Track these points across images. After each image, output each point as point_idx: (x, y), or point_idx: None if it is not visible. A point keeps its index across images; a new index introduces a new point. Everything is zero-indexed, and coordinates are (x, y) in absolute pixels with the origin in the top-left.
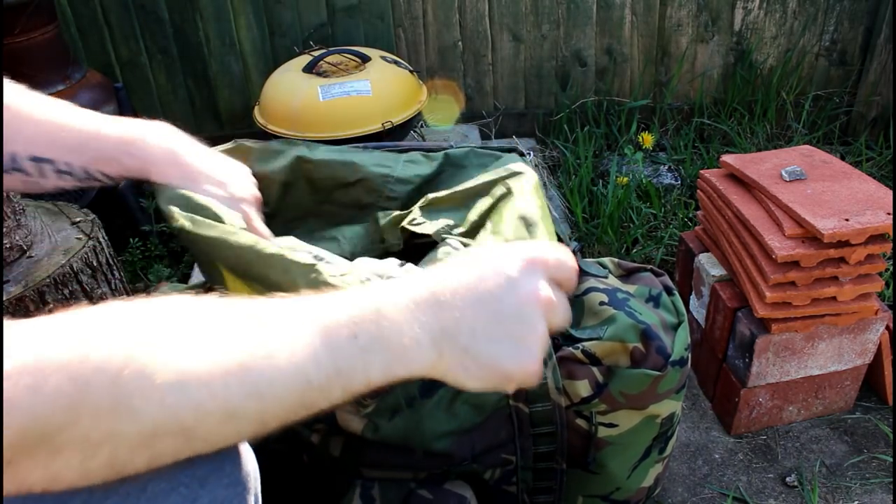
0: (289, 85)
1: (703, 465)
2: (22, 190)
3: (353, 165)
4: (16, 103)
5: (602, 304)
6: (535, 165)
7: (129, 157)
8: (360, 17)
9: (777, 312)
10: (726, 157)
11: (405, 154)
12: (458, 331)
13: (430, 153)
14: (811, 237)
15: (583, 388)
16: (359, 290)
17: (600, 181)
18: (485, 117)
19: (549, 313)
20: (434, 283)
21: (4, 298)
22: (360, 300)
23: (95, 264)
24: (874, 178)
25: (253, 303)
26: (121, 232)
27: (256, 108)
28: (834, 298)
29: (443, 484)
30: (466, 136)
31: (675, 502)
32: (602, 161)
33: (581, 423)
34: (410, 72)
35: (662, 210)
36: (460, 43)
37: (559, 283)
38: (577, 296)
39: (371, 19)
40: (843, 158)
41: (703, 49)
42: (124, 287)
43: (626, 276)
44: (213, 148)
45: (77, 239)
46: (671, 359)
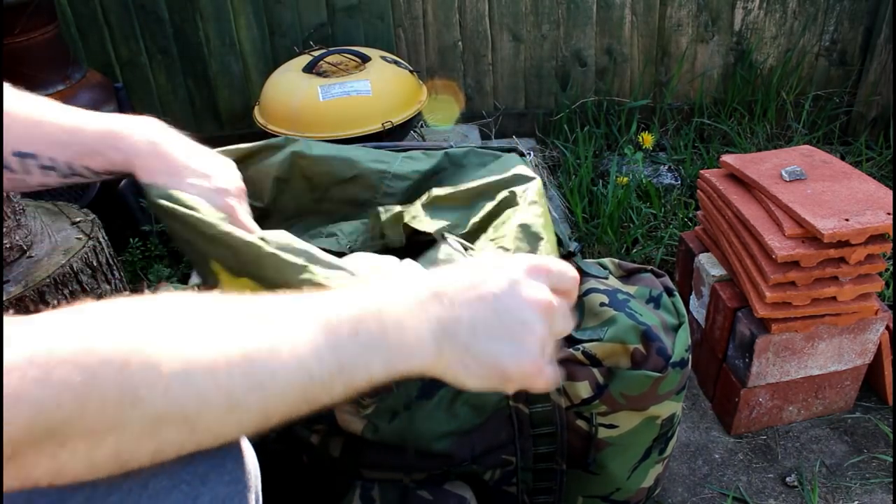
0: (289, 85)
1: (703, 465)
2: (7, 189)
3: (349, 161)
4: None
5: (602, 305)
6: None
7: (113, 151)
8: (360, 17)
9: (777, 312)
10: (726, 157)
11: (401, 154)
12: (458, 328)
13: (429, 151)
14: (811, 237)
15: (583, 390)
16: (362, 288)
17: (600, 181)
18: (485, 117)
19: (551, 317)
20: (436, 283)
21: (4, 298)
22: (362, 297)
23: (95, 264)
24: (874, 178)
25: (256, 299)
26: (121, 232)
27: (256, 108)
28: (834, 298)
29: (443, 485)
30: (466, 136)
31: (675, 502)
32: (602, 161)
33: (581, 424)
34: (410, 72)
35: (662, 210)
36: (460, 43)
37: (561, 293)
38: (577, 297)
39: (371, 19)
40: (843, 158)
41: (703, 49)
42: (124, 287)
43: (627, 276)
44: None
45: (77, 239)
46: (672, 360)
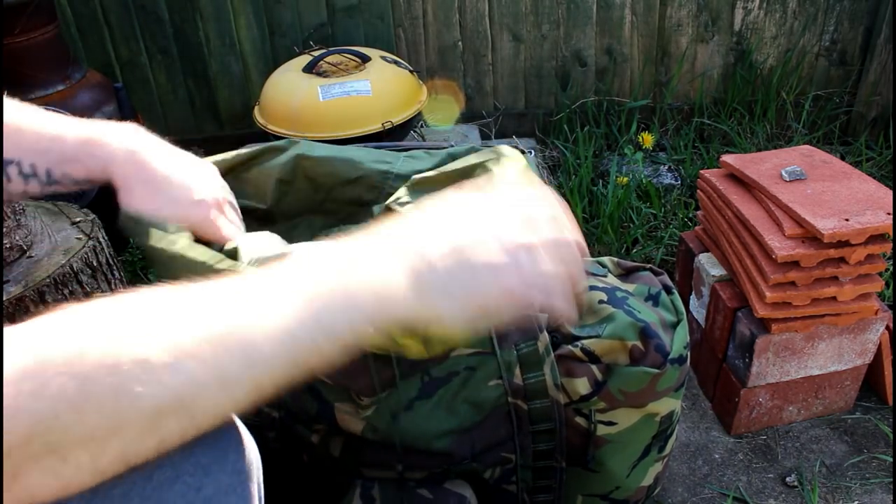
0: (289, 85)
1: (703, 465)
2: None
3: (352, 162)
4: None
5: (601, 302)
6: (536, 165)
7: (91, 158)
8: (360, 17)
9: (777, 312)
10: (726, 157)
11: (403, 154)
12: (433, 271)
13: (431, 150)
14: (811, 237)
15: (582, 386)
16: (339, 250)
17: (600, 181)
18: (485, 117)
19: (532, 253)
20: (415, 242)
21: (4, 298)
22: (339, 258)
23: (95, 264)
24: (874, 178)
25: (235, 279)
26: (121, 232)
27: (256, 108)
28: (834, 298)
29: (443, 483)
30: (466, 136)
31: (675, 502)
32: (602, 161)
33: (580, 421)
34: (410, 72)
35: (662, 210)
36: (460, 43)
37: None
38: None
39: (371, 19)
40: (843, 158)
41: (703, 49)
42: (124, 287)
43: (626, 275)
44: (208, 157)
45: (77, 239)
46: (670, 357)
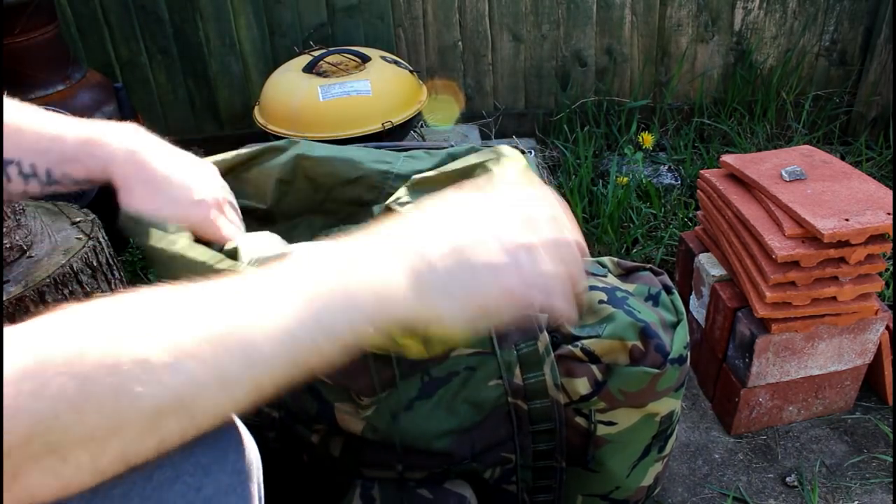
0: (289, 85)
1: (703, 465)
2: None
3: (352, 162)
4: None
5: (601, 302)
6: (536, 165)
7: (90, 158)
8: (360, 17)
9: (777, 312)
10: (726, 157)
11: (403, 153)
12: (433, 271)
13: (431, 150)
14: (811, 237)
15: (582, 386)
16: (338, 249)
17: (600, 181)
18: (485, 117)
19: (532, 253)
20: (414, 241)
21: (4, 298)
22: (338, 258)
23: (95, 264)
24: (874, 178)
25: (233, 280)
26: (121, 232)
27: (256, 108)
28: (834, 298)
29: (443, 483)
30: (466, 136)
31: (675, 502)
32: (602, 161)
33: (580, 421)
34: (410, 72)
35: (662, 210)
36: (460, 43)
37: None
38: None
39: (371, 19)
40: (843, 158)
41: (703, 49)
42: (124, 287)
43: (626, 275)
44: (209, 157)
45: (77, 239)
46: (670, 357)
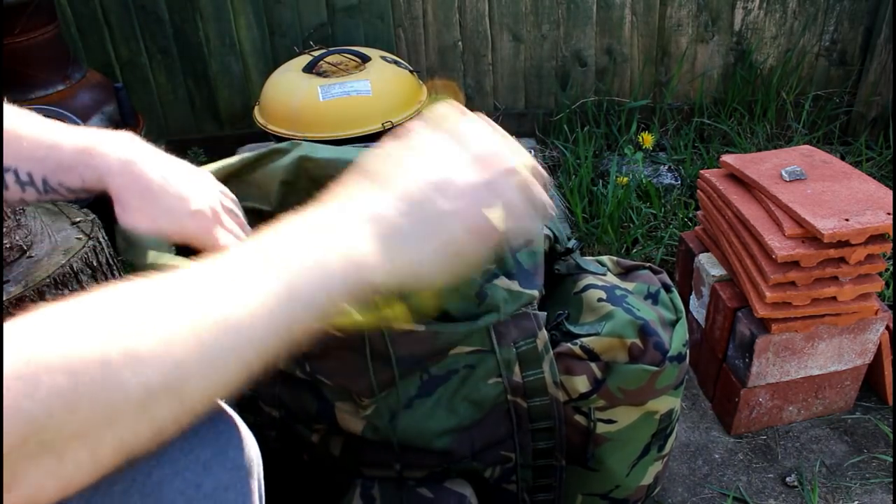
0: (289, 85)
1: (703, 465)
2: None
3: (354, 164)
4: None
5: (600, 300)
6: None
7: (86, 168)
8: (360, 17)
9: (777, 312)
10: (726, 157)
11: None
12: (398, 229)
13: None
14: (811, 237)
15: (581, 384)
16: (303, 226)
17: (600, 181)
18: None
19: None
20: (368, 195)
21: (4, 298)
22: (306, 235)
23: (95, 264)
24: (874, 178)
25: (211, 264)
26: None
27: (256, 108)
28: (834, 298)
29: (443, 482)
30: None
31: (675, 502)
32: (602, 161)
33: (580, 419)
34: (410, 72)
35: (662, 210)
36: (460, 43)
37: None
38: (575, 293)
39: (371, 19)
40: (843, 158)
41: (703, 49)
42: None
43: (625, 273)
44: (213, 164)
45: (77, 239)
46: (669, 354)
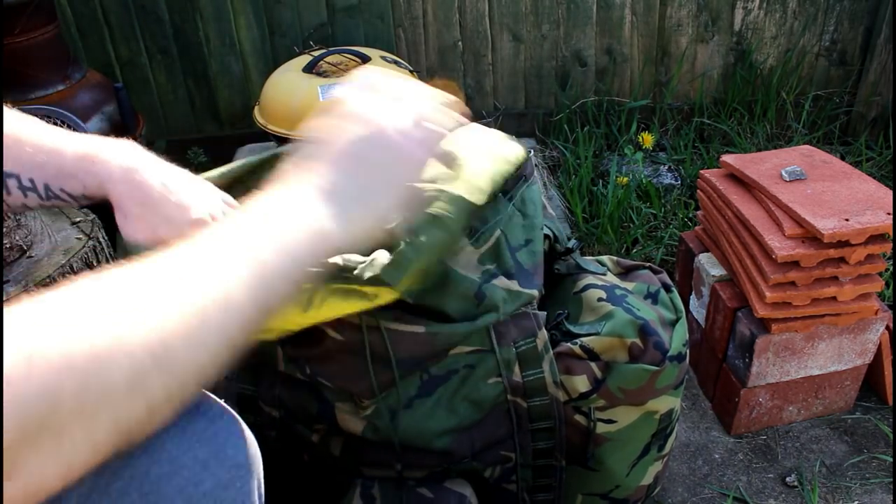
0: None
1: (703, 465)
2: None
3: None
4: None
5: (600, 300)
6: (536, 165)
7: (87, 175)
8: (360, 17)
9: (777, 312)
10: (726, 157)
11: None
12: (344, 194)
13: None
14: (811, 237)
15: (581, 384)
16: (262, 210)
17: (600, 181)
18: (485, 117)
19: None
20: (312, 169)
21: (4, 298)
22: (266, 220)
23: (95, 264)
24: (874, 178)
25: (192, 243)
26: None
27: (256, 107)
28: (834, 298)
29: (443, 482)
30: None
31: (675, 502)
32: (602, 161)
33: (580, 419)
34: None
35: (662, 210)
36: (460, 43)
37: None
38: (575, 293)
39: (371, 19)
40: (843, 158)
41: (703, 49)
42: None
43: (625, 273)
44: (214, 170)
45: (77, 239)
46: (669, 354)
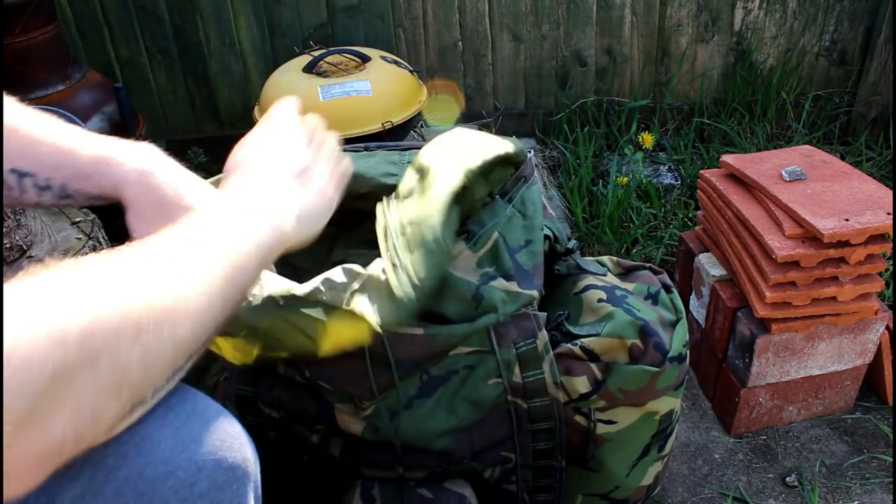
0: (289, 85)
1: (703, 465)
2: (4, 203)
3: (358, 177)
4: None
5: (600, 301)
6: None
7: (103, 177)
8: (360, 17)
9: (777, 312)
10: (726, 157)
11: (407, 153)
12: (286, 220)
13: None
14: (811, 237)
15: (581, 385)
16: (224, 220)
17: (600, 181)
18: (485, 117)
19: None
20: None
21: None
22: (243, 216)
23: None
24: (874, 178)
25: (166, 239)
26: (121, 232)
27: (256, 107)
28: (834, 298)
29: (443, 483)
30: None
31: (675, 502)
32: (602, 161)
33: (580, 419)
34: (410, 72)
35: (662, 210)
36: (460, 43)
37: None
38: (575, 293)
39: (371, 19)
40: (843, 158)
41: (703, 49)
42: None
43: (625, 274)
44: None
45: (77, 239)
46: (669, 355)
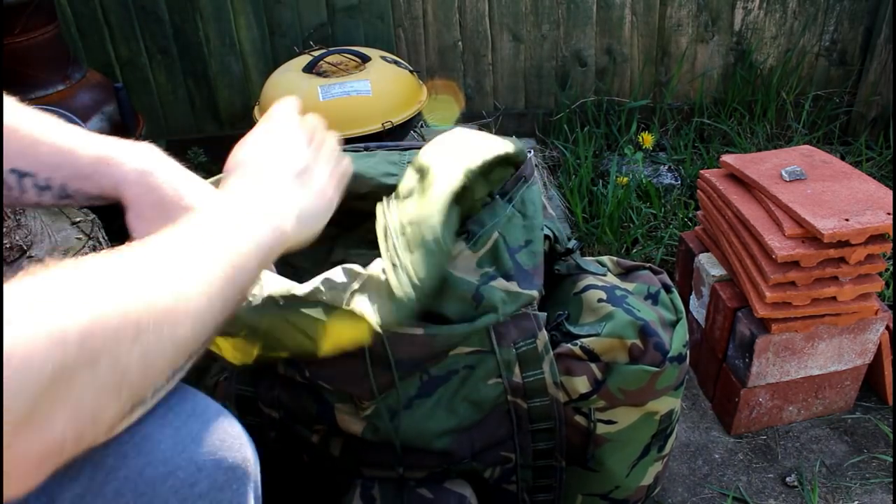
0: (289, 85)
1: (703, 465)
2: (4, 203)
3: (358, 178)
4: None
5: (600, 301)
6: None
7: (102, 177)
8: (360, 17)
9: (777, 312)
10: (726, 157)
11: (407, 153)
12: (287, 221)
13: None
14: (811, 237)
15: (581, 385)
16: (225, 222)
17: (600, 181)
18: (485, 117)
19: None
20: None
21: None
22: (245, 217)
23: None
24: (874, 178)
25: (168, 240)
26: (121, 232)
27: (256, 107)
28: (834, 298)
29: (443, 483)
30: None
31: (675, 502)
32: (602, 161)
33: (580, 419)
34: (410, 72)
35: (662, 210)
36: (460, 43)
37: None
38: (575, 293)
39: (371, 19)
40: (843, 158)
41: (703, 49)
42: None
43: (625, 274)
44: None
45: (77, 239)
46: (669, 355)
